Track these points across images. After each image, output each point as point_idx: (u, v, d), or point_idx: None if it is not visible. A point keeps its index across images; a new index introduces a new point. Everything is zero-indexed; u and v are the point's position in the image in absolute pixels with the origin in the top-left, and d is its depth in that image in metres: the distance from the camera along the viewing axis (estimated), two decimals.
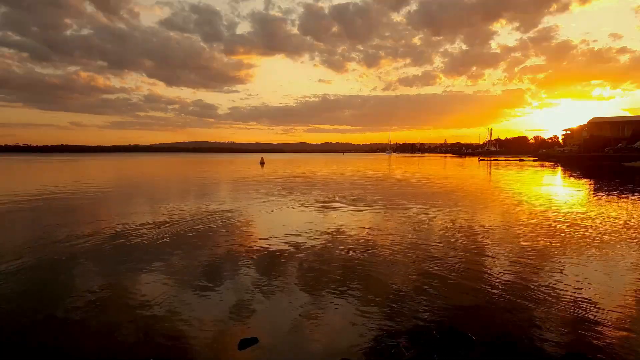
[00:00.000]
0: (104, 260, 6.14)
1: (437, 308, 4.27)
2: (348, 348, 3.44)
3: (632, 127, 56.93)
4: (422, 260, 6.02)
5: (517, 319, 4.00)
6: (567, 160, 52.99)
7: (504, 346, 3.49)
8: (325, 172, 32.19)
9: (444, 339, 3.58)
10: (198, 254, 6.43)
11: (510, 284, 4.99)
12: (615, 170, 32.58)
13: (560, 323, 3.89)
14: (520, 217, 9.91)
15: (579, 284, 4.96)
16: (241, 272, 5.53)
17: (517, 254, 6.38)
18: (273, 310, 4.24)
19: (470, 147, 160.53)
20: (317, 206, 11.84)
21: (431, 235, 7.82)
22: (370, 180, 23.24)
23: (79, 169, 37.62)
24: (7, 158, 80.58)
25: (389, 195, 15.00)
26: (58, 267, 5.78)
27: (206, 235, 7.88)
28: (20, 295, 4.73)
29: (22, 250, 6.62)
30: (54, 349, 3.49)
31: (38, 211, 11.01)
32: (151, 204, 12.65)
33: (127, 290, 4.86)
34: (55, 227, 8.60)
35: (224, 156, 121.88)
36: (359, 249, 6.76)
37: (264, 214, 10.47)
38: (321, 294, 4.68)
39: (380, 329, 3.78)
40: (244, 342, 3.50)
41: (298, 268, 5.70)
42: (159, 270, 5.62)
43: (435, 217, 9.90)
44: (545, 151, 77.21)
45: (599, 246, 6.82)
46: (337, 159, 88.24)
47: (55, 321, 4.00)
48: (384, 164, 51.66)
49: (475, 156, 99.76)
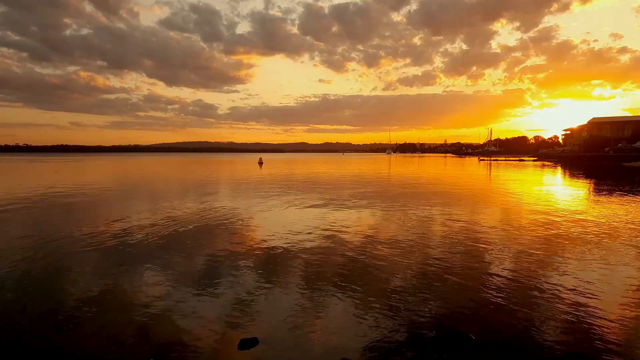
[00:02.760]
0: (103, 260, 6.13)
1: (437, 308, 4.27)
2: (348, 348, 3.44)
3: (632, 127, 56.98)
4: (422, 260, 6.02)
5: (517, 319, 4.00)
6: (567, 160, 53.03)
7: (504, 346, 3.49)
8: (324, 172, 32.19)
9: (444, 339, 3.58)
10: (198, 254, 6.43)
11: (510, 284, 4.99)
12: (615, 170, 32.59)
13: (560, 323, 3.89)
14: (520, 217, 9.91)
15: (579, 283, 4.96)
16: (241, 272, 5.53)
17: (517, 253, 6.38)
18: (273, 310, 4.24)
19: (470, 147, 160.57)
20: (316, 206, 11.84)
21: (431, 235, 7.82)
22: (370, 180, 23.24)
23: (84, 169, 37.62)
24: (8, 158, 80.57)
25: (389, 195, 15.00)
26: (58, 266, 5.78)
27: (206, 235, 7.88)
28: (20, 295, 4.72)
29: (23, 250, 6.62)
30: (54, 349, 3.49)
31: (41, 210, 11.00)
32: (151, 203, 12.65)
33: (126, 290, 4.86)
34: (57, 227, 8.60)
35: (224, 156, 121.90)
36: (359, 249, 6.76)
37: (263, 214, 10.47)
38: (321, 294, 4.68)
39: (380, 329, 3.78)
40: (244, 342, 3.50)
41: (298, 268, 5.70)
42: (158, 270, 5.62)
43: (435, 217, 9.90)
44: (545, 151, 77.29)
45: (599, 246, 6.81)
46: (337, 159, 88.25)
47: (55, 321, 4.00)
48: (384, 164, 51.66)
49: (475, 156, 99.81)
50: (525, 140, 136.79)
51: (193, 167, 42.75)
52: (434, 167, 43.05)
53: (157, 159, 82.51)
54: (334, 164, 52.91)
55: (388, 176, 27.30)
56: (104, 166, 43.51)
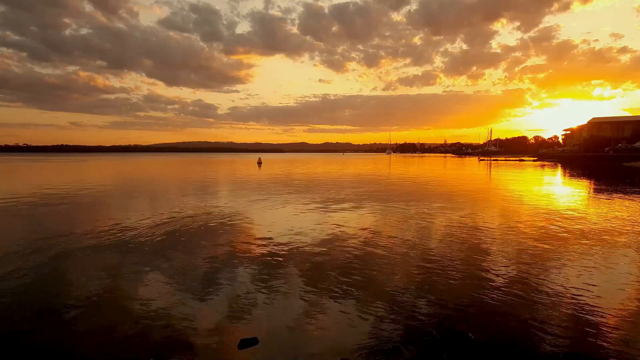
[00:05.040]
0: (103, 259, 6.13)
1: (437, 308, 4.27)
2: (348, 348, 3.44)
3: (632, 127, 56.92)
4: (422, 260, 6.02)
5: (517, 319, 4.00)
6: (567, 160, 53.00)
7: (504, 346, 3.49)
8: (324, 172, 32.18)
9: (444, 339, 3.58)
10: (197, 254, 6.43)
11: (510, 283, 4.99)
12: (615, 170, 32.58)
13: (560, 323, 3.90)
14: (520, 217, 9.91)
15: (579, 283, 4.96)
16: (241, 271, 5.53)
17: (517, 253, 6.38)
18: (273, 310, 4.24)
19: (470, 147, 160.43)
20: (316, 206, 11.83)
21: (431, 235, 7.82)
22: (370, 180, 23.24)
23: (85, 169, 37.61)
24: (8, 158, 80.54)
25: (389, 195, 14.99)
26: (58, 266, 5.78)
27: (205, 235, 7.88)
28: (20, 295, 4.73)
29: (23, 250, 6.62)
30: (54, 349, 3.49)
31: (41, 210, 11.01)
32: (151, 203, 12.65)
33: (126, 290, 4.86)
34: (57, 226, 8.60)
35: (224, 156, 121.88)
36: (359, 248, 6.76)
37: (262, 214, 10.47)
38: (321, 294, 4.68)
39: (380, 329, 3.78)
40: (244, 342, 3.50)
41: (298, 267, 5.70)
42: (158, 270, 5.62)
43: (435, 217, 9.90)
44: (545, 151, 77.20)
45: (599, 246, 6.81)
46: (337, 159, 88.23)
47: (55, 321, 4.00)
48: (384, 164, 51.65)
49: (475, 156, 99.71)
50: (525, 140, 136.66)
51: (193, 167, 42.74)
52: (434, 167, 43.04)
53: (157, 159, 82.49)
54: (334, 164, 52.90)
55: (388, 176, 27.29)
56: (105, 166, 43.50)
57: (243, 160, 73.06)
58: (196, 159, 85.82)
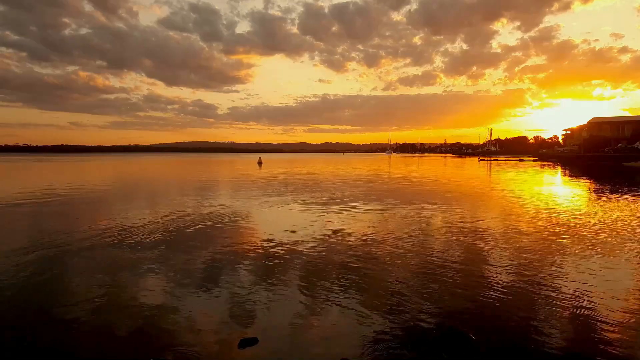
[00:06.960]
0: (103, 259, 6.13)
1: (437, 308, 4.27)
2: (348, 348, 3.44)
3: (632, 127, 56.92)
4: (422, 260, 6.02)
5: (517, 319, 4.00)
6: (567, 160, 53.01)
7: (504, 346, 3.49)
8: (324, 172, 32.19)
9: (444, 339, 3.58)
10: (197, 254, 6.43)
11: (510, 284, 4.99)
12: (615, 170, 32.59)
13: (561, 323, 3.90)
14: (520, 217, 9.91)
15: (579, 283, 4.96)
16: (241, 271, 5.53)
17: (517, 254, 6.38)
18: (273, 310, 4.24)
19: (470, 147, 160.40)
20: (316, 206, 11.84)
21: (431, 235, 7.82)
22: (370, 180, 23.24)
23: (86, 169, 37.62)
24: (8, 158, 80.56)
25: (389, 195, 15.00)
26: (58, 265, 5.78)
27: (205, 234, 7.88)
28: (20, 295, 4.73)
29: (23, 250, 6.62)
30: (54, 349, 3.49)
31: (41, 210, 11.01)
32: (151, 203, 12.65)
33: (126, 290, 4.86)
34: (59, 226, 8.61)
35: (224, 156, 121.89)
36: (359, 248, 6.76)
37: (262, 214, 10.48)
38: (321, 294, 4.68)
39: (380, 329, 3.78)
40: (244, 342, 3.51)
41: (298, 267, 5.70)
42: (158, 270, 5.62)
43: (435, 218, 9.90)
44: (545, 151, 77.17)
45: (599, 247, 6.82)
46: (337, 159, 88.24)
47: (55, 321, 4.00)
48: (384, 164, 51.66)
49: (475, 156, 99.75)
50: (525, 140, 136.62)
51: (193, 167, 42.76)
52: (434, 167, 43.05)
53: (157, 159, 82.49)
54: (334, 164, 52.90)
55: (388, 176, 27.30)
56: (105, 166, 43.51)
57: (243, 160, 73.08)
58: (196, 159, 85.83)
